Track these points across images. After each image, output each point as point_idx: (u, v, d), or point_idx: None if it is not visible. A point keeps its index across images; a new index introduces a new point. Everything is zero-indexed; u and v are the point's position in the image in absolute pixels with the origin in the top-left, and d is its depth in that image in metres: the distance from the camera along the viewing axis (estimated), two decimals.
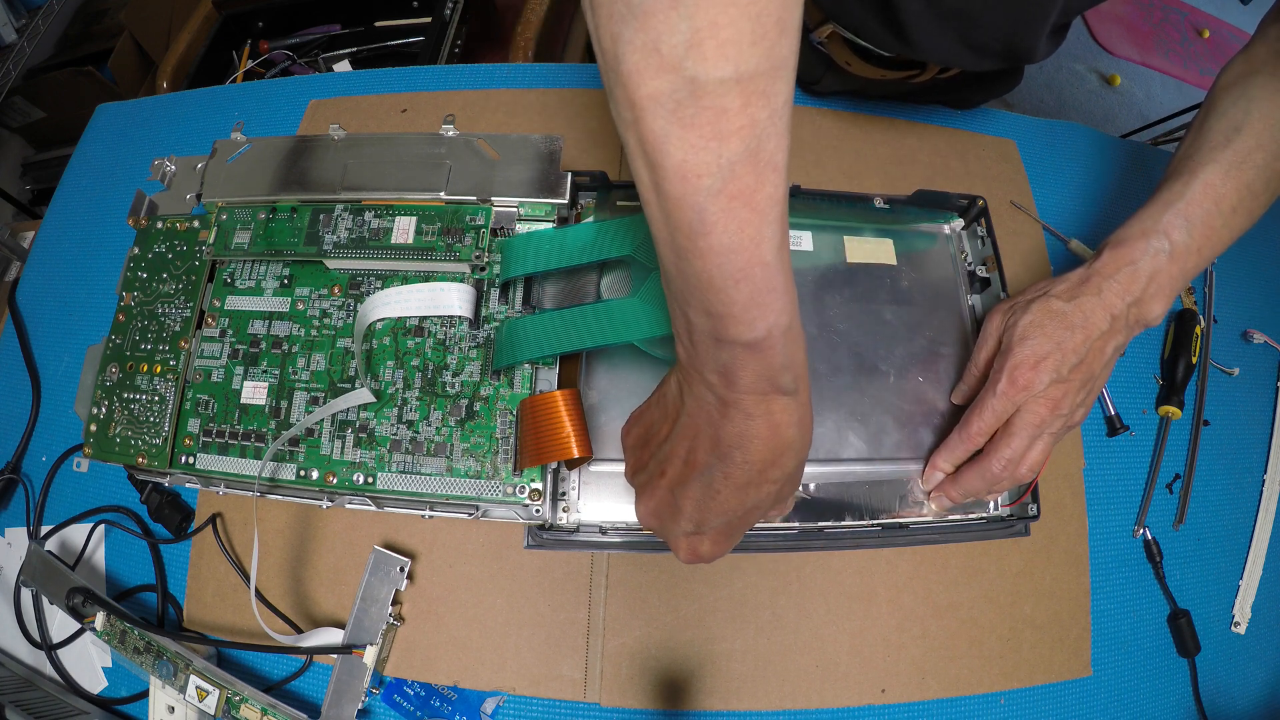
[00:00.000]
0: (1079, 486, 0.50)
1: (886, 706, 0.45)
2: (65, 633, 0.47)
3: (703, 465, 0.31)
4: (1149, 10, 1.97)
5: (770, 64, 0.23)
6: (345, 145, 0.47)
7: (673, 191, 0.24)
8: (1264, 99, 0.40)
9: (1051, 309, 0.40)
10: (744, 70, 0.22)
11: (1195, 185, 0.40)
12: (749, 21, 0.22)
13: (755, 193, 0.24)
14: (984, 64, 0.51)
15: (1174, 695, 0.48)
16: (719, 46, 0.22)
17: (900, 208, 0.51)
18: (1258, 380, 0.56)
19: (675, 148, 0.23)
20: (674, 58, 0.22)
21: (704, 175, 0.24)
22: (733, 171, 0.24)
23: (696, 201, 0.24)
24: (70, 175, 0.63)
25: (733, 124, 0.23)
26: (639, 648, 0.44)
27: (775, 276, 0.26)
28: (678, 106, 0.23)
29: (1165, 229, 0.39)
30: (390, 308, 0.44)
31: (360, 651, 0.40)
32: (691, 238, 0.25)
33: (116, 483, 0.50)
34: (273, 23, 1.00)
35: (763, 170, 0.24)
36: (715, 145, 0.23)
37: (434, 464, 0.41)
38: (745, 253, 0.25)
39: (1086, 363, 0.39)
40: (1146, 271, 0.39)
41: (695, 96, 0.22)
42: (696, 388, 0.30)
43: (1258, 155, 0.39)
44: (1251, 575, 0.51)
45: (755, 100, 0.23)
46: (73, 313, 0.57)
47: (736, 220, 0.24)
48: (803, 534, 0.43)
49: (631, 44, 0.22)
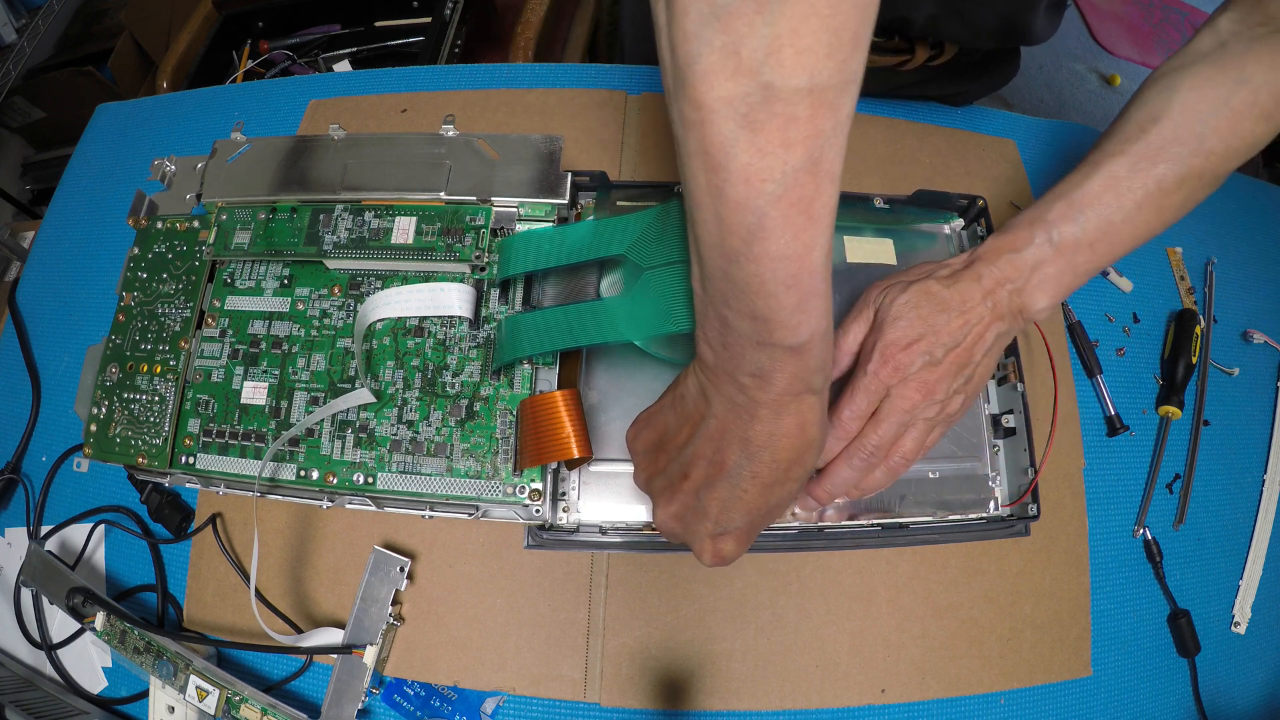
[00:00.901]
0: (1079, 486, 0.50)
1: (886, 706, 0.45)
2: (65, 633, 0.47)
3: (730, 466, 0.31)
4: (1149, 10, 1.97)
5: (841, 78, 0.23)
6: (345, 145, 0.47)
7: (734, 195, 0.24)
8: (1190, 89, 0.37)
9: (930, 291, 0.38)
10: (818, 81, 0.22)
11: (1096, 176, 0.37)
12: (828, 34, 0.22)
13: (813, 201, 0.25)
14: (981, 41, 0.50)
15: (1174, 695, 0.48)
16: (797, 55, 0.22)
17: (900, 208, 0.51)
18: (1258, 380, 0.56)
19: (742, 151, 0.23)
20: (753, 62, 0.22)
21: (767, 180, 0.24)
22: (795, 179, 0.24)
23: (757, 206, 0.24)
24: (70, 175, 0.63)
25: (800, 132, 0.23)
26: (639, 648, 0.44)
27: (821, 283, 0.27)
28: (750, 111, 0.23)
29: (1055, 219, 0.37)
30: (390, 308, 0.44)
31: (360, 651, 0.40)
32: (748, 242, 0.25)
33: (116, 483, 0.50)
34: (273, 23, 1.00)
35: (821, 179, 0.24)
36: (781, 152, 0.23)
37: (434, 464, 0.41)
38: (798, 259, 0.25)
39: (964, 348, 0.37)
40: (1029, 261, 0.37)
41: (768, 102, 0.22)
42: (726, 389, 0.30)
43: (1173, 148, 0.37)
44: (1251, 575, 0.51)
45: (823, 111, 0.23)
46: (73, 313, 0.57)
47: (793, 227, 0.25)
48: (803, 534, 0.43)
49: (710, 44, 0.22)
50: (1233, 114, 0.36)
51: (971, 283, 0.38)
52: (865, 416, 0.38)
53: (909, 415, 0.37)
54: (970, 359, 0.38)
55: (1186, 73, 0.38)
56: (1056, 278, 0.38)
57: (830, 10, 0.21)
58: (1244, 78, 0.37)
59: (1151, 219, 0.38)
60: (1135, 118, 0.38)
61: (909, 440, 0.38)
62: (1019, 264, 0.37)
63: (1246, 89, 0.36)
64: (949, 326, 0.37)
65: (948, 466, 0.45)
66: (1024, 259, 0.37)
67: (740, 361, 0.29)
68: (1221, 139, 0.37)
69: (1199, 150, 0.37)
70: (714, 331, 0.30)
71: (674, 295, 0.37)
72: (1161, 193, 0.37)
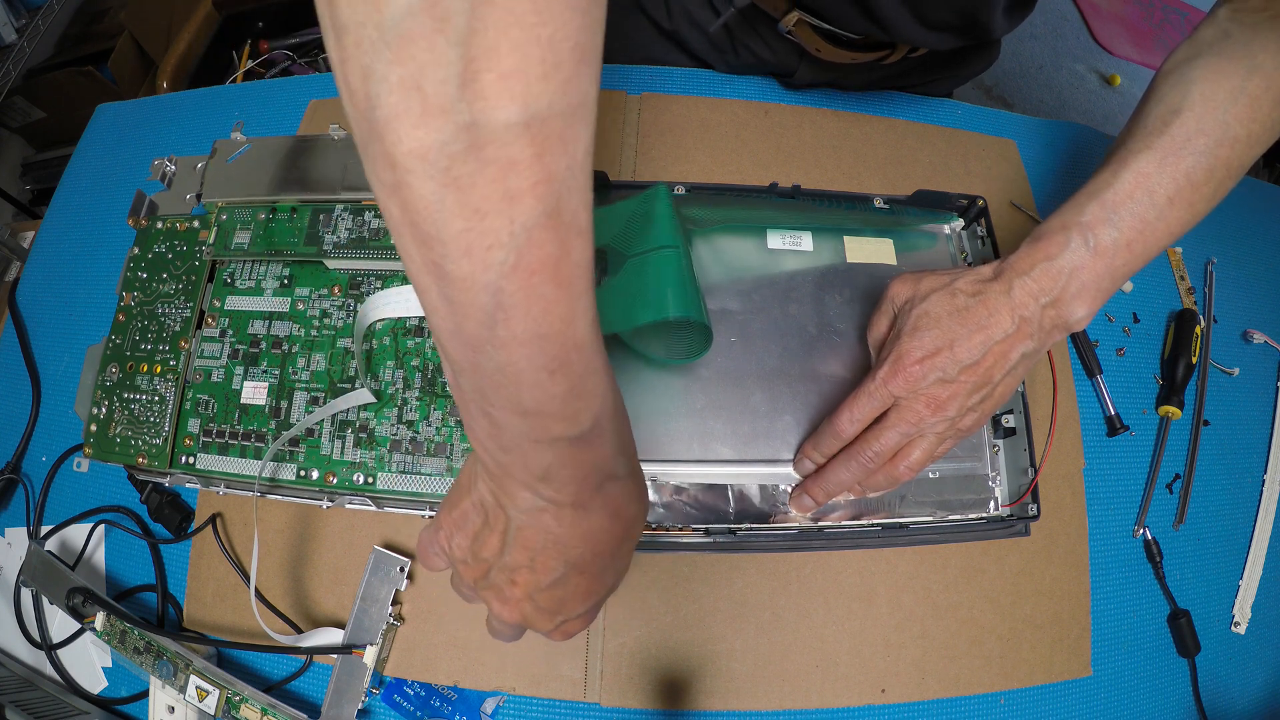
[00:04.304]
0: (1079, 486, 0.50)
1: (886, 706, 0.45)
2: (65, 633, 0.47)
3: (553, 571, 0.27)
4: (1149, 10, 1.97)
5: (567, 103, 0.18)
6: (345, 145, 0.47)
7: (456, 272, 0.19)
8: (1205, 80, 0.36)
9: (954, 302, 0.36)
10: (535, 111, 0.17)
11: (1126, 174, 0.36)
12: (540, 47, 0.17)
13: (560, 263, 0.20)
14: (945, 41, 0.51)
15: (1174, 695, 0.48)
16: (501, 80, 0.17)
17: (900, 208, 0.51)
18: (1258, 380, 0.56)
19: (453, 216, 0.18)
20: (443, 98, 0.17)
21: (494, 247, 0.19)
22: (530, 239, 0.19)
23: (488, 281, 0.19)
24: (70, 175, 0.63)
25: (525, 180, 0.18)
26: (639, 648, 0.44)
27: (594, 357, 0.23)
28: (452, 162, 0.17)
29: (1090, 222, 0.35)
30: (390, 308, 0.44)
31: (360, 651, 0.40)
32: (488, 325, 0.20)
33: (116, 483, 0.49)
34: (273, 23, 1.01)
35: (566, 234, 0.19)
36: (505, 208, 0.18)
37: (434, 464, 0.41)
38: (558, 337, 0.21)
39: (982, 366, 0.35)
40: (1066, 268, 0.35)
41: (475, 148, 0.17)
42: (517, 496, 0.25)
43: (1198, 140, 0.35)
44: (1251, 575, 0.51)
45: (551, 148, 0.18)
46: (73, 313, 0.57)
47: (541, 299, 0.20)
48: (803, 534, 0.43)
49: (386, 81, 0.17)
50: (1251, 100, 0.36)
51: (1000, 295, 0.35)
52: (865, 422, 0.38)
53: (915, 428, 0.37)
54: (989, 379, 0.36)
55: (1197, 64, 0.37)
56: (1095, 283, 0.35)
57: (537, 17, 0.16)
58: (1255, 64, 0.36)
59: (1184, 214, 0.36)
60: (1155, 112, 0.37)
61: (916, 450, 0.37)
62: (1054, 272, 0.35)
63: (1260, 75, 0.36)
64: (968, 342, 0.35)
65: (948, 466, 0.45)
66: (1059, 266, 0.35)
67: (523, 465, 0.24)
68: (1244, 126, 0.36)
69: (1224, 139, 0.36)
70: (485, 434, 0.24)
71: (658, 281, 0.37)
72: (1192, 186, 0.36)
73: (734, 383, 0.45)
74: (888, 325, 0.40)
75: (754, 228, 0.49)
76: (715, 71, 0.62)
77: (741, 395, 0.45)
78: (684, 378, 0.45)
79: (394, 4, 0.16)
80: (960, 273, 0.38)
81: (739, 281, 0.47)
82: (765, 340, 0.46)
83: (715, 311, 0.46)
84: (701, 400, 0.44)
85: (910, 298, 0.38)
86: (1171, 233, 0.36)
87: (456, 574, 0.31)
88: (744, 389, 0.45)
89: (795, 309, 0.47)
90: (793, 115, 0.59)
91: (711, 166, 0.57)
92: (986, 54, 0.60)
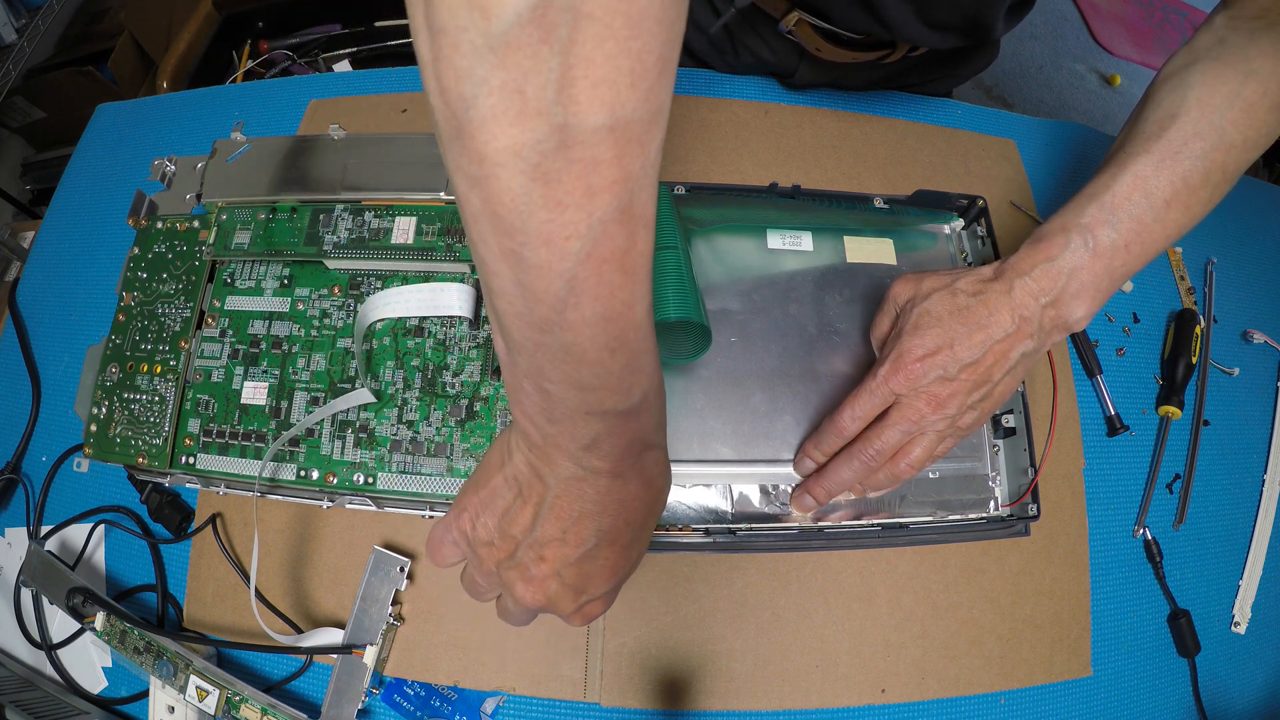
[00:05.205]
0: (1079, 486, 0.50)
1: (886, 706, 0.45)
2: (65, 633, 0.47)
3: (586, 541, 0.29)
4: (1149, 10, 1.97)
5: (648, 110, 0.19)
6: (345, 145, 0.47)
7: (535, 259, 0.21)
8: (1202, 85, 0.37)
9: (955, 301, 0.37)
10: (621, 116, 0.19)
11: (1124, 177, 0.36)
12: (630, 60, 0.18)
13: (627, 253, 0.22)
14: (947, 40, 0.51)
15: (1174, 695, 0.48)
16: (594, 88, 0.18)
17: (900, 208, 0.51)
18: (1258, 380, 0.56)
19: (538, 208, 0.20)
20: (541, 102, 0.18)
21: (572, 238, 0.20)
22: (604, 231, 0.21)
23: (565, 268, 0.21)
24: (70, 175, 0.63)
25: (605, 178, 0.20)
26: (639, 648, 0.44)
27: (648, 337, 0.25)
28: (543, 159, 0.19)
29: (1089, 224, 0.36)
30: (390, 308, 0.44)
31: (360, 651, 0.40)
32: (558, 309, 0.22)
33: (116, 483, 0.49)
34: (273, 23, 1.01)
35: (635, 227, 0.21)
36: (585, 203, 0.20)
37: (434, 464, 0.41)
38: (620, 319, 0.23)
39: (982, 365, 0.36)
40: (1065, 269, 0.36)
41: (564, 147, 0.19)
42: (560, 466, 0.27)
43: (1195, 145, 0.36)
44: (1251, 575, 0.51)
45: (630, 150, 0.20)
46: (73, 313, 0.57)
47: (609, 285, 0.22)
48: (803, 534, 0.43)
49: (487, 84, 0.18)
50: (1246, 106, 0.36)
51: (1000, 295, 0.36)
52: (866, 419, 0.38)
53: (916, 426, 0.37)
54: (989, 377, 0.36)
55: (1194, 70, 0.38)
56: (1094, 283, 0.36)
57: (630, 31, 0.18)
58: (1250, 70, 0.36)
59: (1181, 216, 0.37)
60: (1152, 116, 0.38)
61: (917, 448, 0.38)
62: (1054, 273, 0.36)
63: (1255, 81, 0.36)
64: (969, 340, 0.36)
65: (948, 466, 0.45)
66: (1059, 266, 0.36)
67: (571, 435, 0.26)
68: (1240, 131, 0.36)
69: (1221, 143, 0.36)
70: (534, 407, 0.26)
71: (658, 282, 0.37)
72: (1189, 189, 0.36)
73: (734, 383, 0.45)
74: (890, 324, 0.40)
75: (754, 228, 0.49)
76: (715, 71, 0.62)
77: (741, 395, 0.45)
78: (684, 378, 0.45)
79: (503, 15, 0.17)
80: (961, 273, 0.38)
81: (739, 281, 0.47)
82: (765, 340, 0.46)
83: (715, 311, 0.46)
84: (701, 400, 0.44)
85: (912, 297, 0.39)
86: (1169, 235, 0.37)
87: (475, 561, 0.32)
88: (744, 389, 0.45)
89: (795, 309, 0.47)
90: (793, 115, 0.59)
91: (711, 166, 0.57)
92: (986, 53, 0.60)
